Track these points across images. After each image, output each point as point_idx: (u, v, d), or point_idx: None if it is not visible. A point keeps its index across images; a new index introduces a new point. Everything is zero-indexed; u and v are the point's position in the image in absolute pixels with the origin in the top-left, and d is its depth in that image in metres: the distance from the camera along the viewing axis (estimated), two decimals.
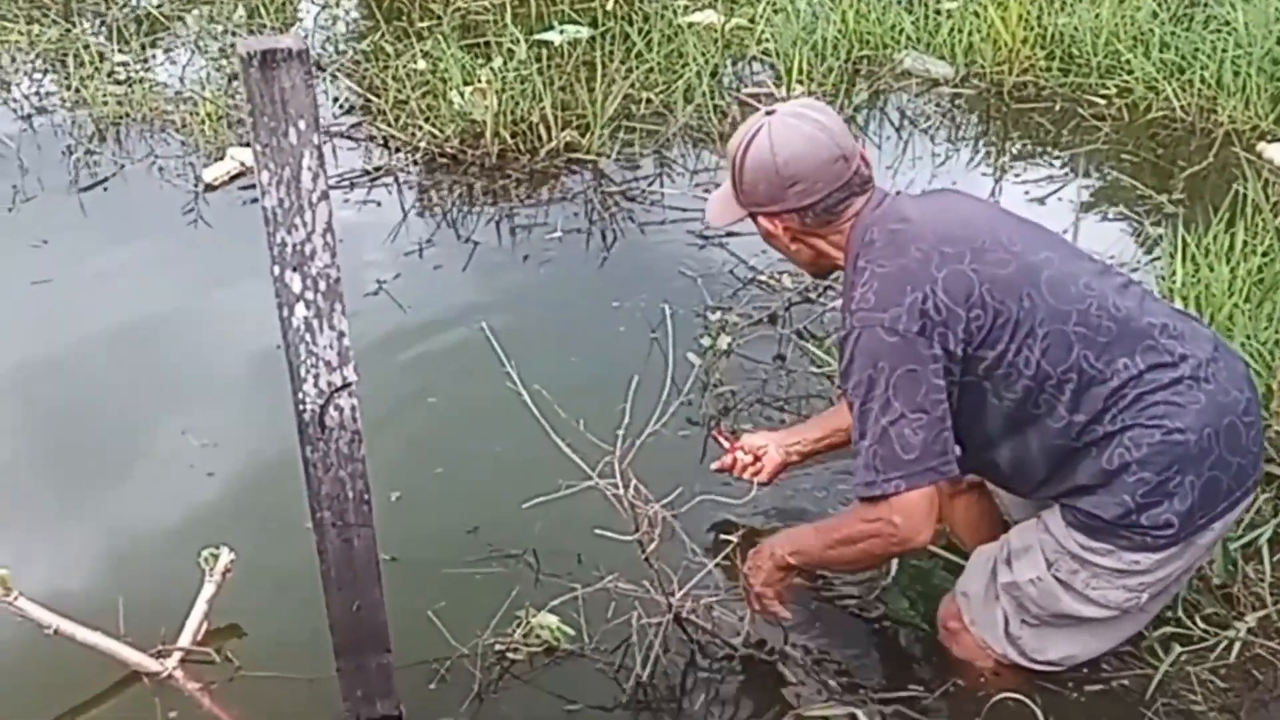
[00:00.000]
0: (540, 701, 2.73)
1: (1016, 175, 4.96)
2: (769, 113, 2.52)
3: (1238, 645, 2.74)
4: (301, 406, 2.19)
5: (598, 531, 2.70)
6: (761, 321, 3.93)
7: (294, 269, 2.06)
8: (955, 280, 2.36)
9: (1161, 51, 5.38)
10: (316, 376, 2.16)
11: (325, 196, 2.02)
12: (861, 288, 2.41)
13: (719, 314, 3.89)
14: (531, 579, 3.00)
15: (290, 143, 1.95)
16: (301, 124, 1.94)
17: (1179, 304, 3.54)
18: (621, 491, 2.62)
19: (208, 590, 2.86)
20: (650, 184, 4.84)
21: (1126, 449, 2.35)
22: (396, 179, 4.86)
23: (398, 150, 5.01)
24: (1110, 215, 4.64)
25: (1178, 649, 2.70)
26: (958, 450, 2.44)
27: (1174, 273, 3.81)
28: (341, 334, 2.13)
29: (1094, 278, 2.46)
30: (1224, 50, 5.20)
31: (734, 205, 2.59)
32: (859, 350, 2.38)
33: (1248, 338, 3.42)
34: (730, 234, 4.41)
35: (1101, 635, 2.61)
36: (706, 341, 3.74)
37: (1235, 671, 2.72)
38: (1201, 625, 2.77)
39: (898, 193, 2.61)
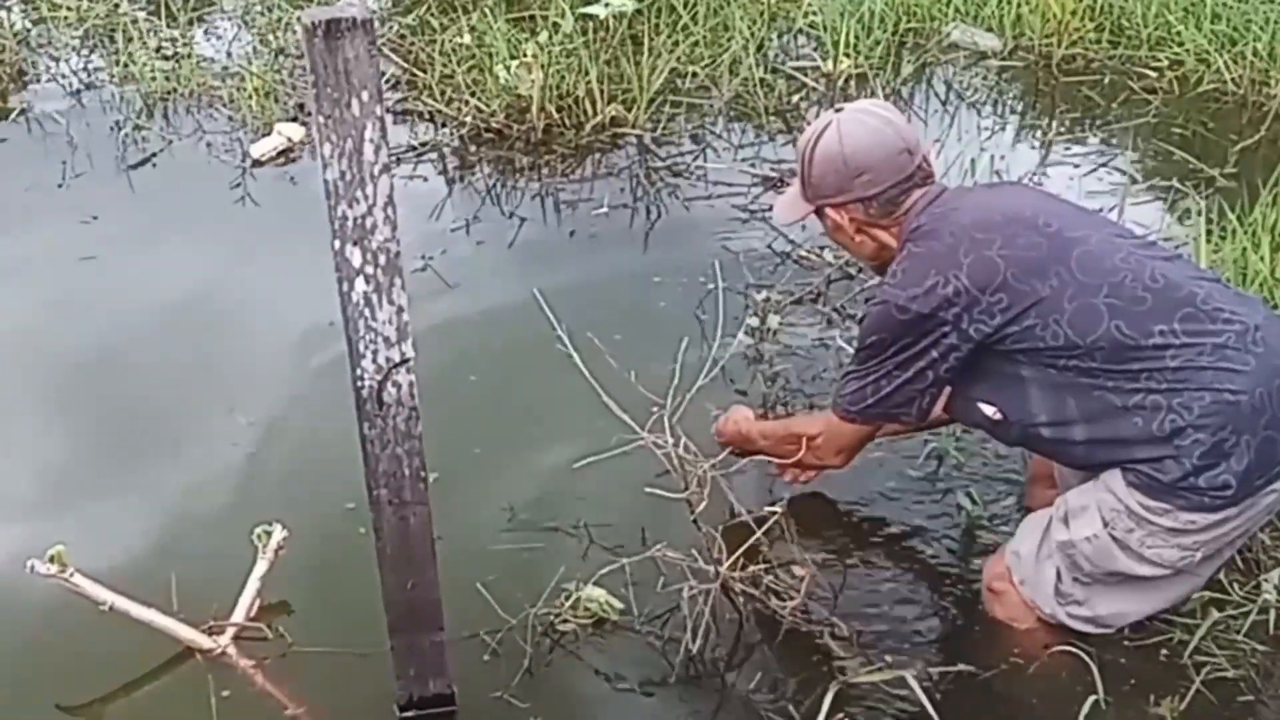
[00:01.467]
0: (590, 676, 2.74)
1: (1065, 149, 4.89)
2: (837, 110, 2.69)
3: (1273, 613, 2.72)
4: (360, 383, 2.19)
5: (648, 490, 2.75)
6: (802, 301, 3.91)
7: (354, 243, 2.06)
8: (980, 266, 2.48)
9: (1213, 23, 5.29)
10: (375, 352, 2.16)
11: (387, 169, 2.02)
12: (896, 265, 2.60)
13: (764, 293, 3.86)
14: (579, 551, 3.00)
15: (353, 114, 1.94)
16: (365, 95, 1.93)
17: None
18: (671, 449, 2.63)
19: (260, 567, 2.87)
20: (695, 159, 4.81)
21: (1178, 414, 2.39)
22: (442, 154, 4.86)
23: (443, 125, 5.00)
24: (1160, 189, 4.58)
25: (1215, 613, 2.69)
26: (996, 415, 2.60)
27: (1216, 249, 3.77)
28: (401, 309, 2.13)
29: (1134, 250, 2.54)
30: (1277, 21, 5.11)
31: (801, 202, 2.75)
32: (872, 318, 2.62)
33: None
34: (773, 207, 4.40)
35: (1152, 595, 2.63)
36: (755, 321, 3.71)
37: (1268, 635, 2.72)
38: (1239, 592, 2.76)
39: (963, 187, 2.72)
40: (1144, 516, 2.47)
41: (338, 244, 2.05)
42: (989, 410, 2.61)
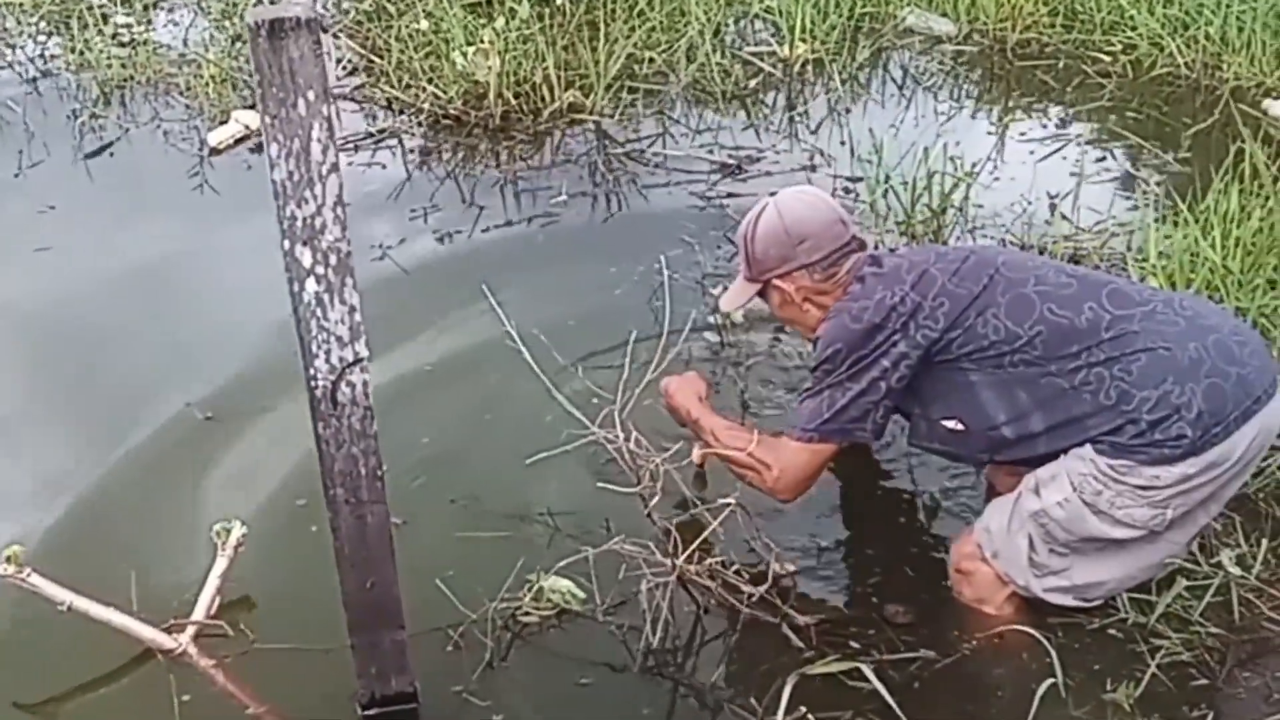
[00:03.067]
0: (552, 666, 2.74)
1: (1020, 133, 4.92)
2: (771, 194, 2.90)
3: (1231, 589, 2.76)
4: (313, 383, 2.18)
5: (600, 485, 2.77)
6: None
7: (304, 243, 2.05)
8: (922, 279, 2.69)
9: (1165, 7, 5.34)
10: (328, 352, 2.15)
11: (335, 169, 2.00)
12: (848, 293, 2.79)
13: (720, 285, 3.85)
14: (540, 542, 3.00)
15: (299, 114, 1.93)
16: (310, 95, 1.92)
17: (1168, 267, 3.59)
18: (621, 443, 2.63)
19: (220, 565, 2.85)
20: (652, 144, 4.81)
21: (1120, 379, 2.54)
22: (400, 141, 4.84)
23: (401, 112, 4.98)
24: (1113, 173, 4.61)
25: (1182, 582, 2.72)
26: (968, 434, 2.70)
27: (1168, 236, 3.80)
28: (353, 309, 2.12)
29: (1051, 261, 2.80)
30: (1229, 6, 5.15)
31: (746, 285, 2.92)
32: (827, 333, 2.76)
33: (1237, 303, 3.43)
34: (730, 195, 4.43)
35: (1128, 561, 2.69)
36: (718, 318, 3.72)
37: (1221, 612, 2.75)
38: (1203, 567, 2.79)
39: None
40: (1112, 476, 2.55)
41: (287, 244, 2.04)
42: (951, 424, 2.73)
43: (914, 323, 2.66)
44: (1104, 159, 4.71)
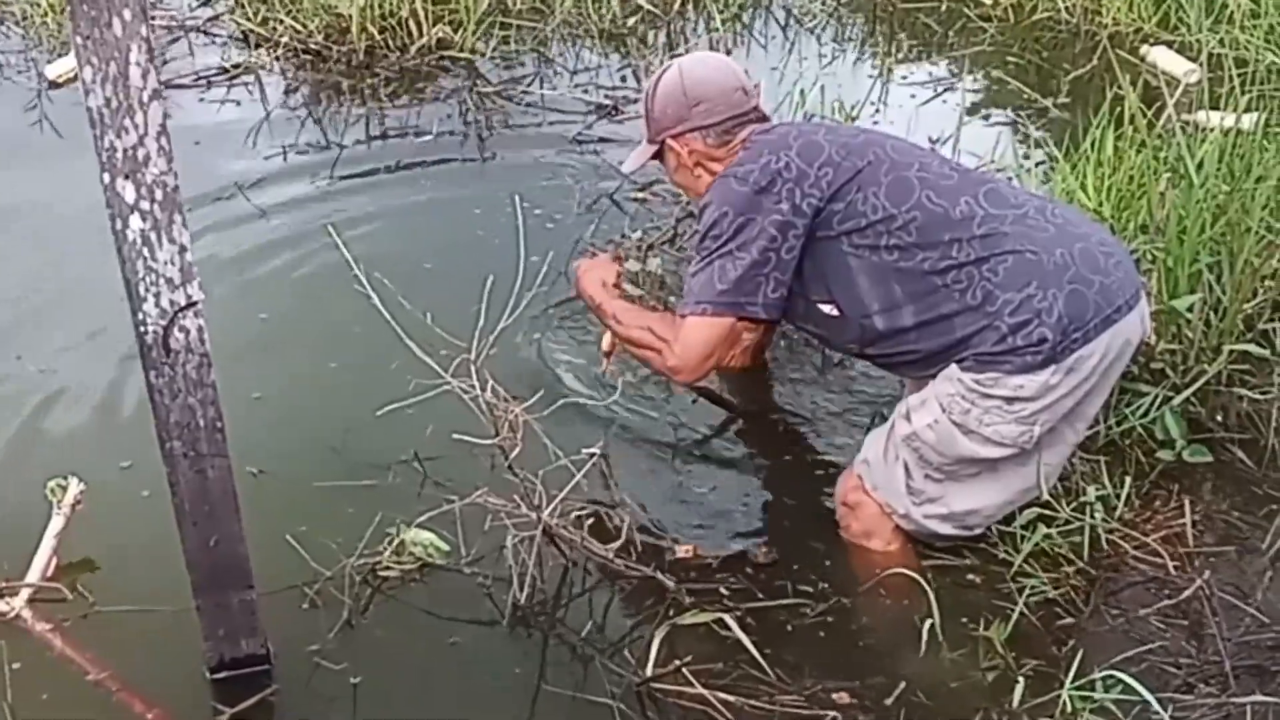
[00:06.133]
0: (415, 624, 2.64)
1: (903, 77, 4.89)
2: (675, 55, 2.95)
3: (1097, 530, 2.76)
4: (143, 328, 2.03)
5: (456, 437, 2.67)
6: (658, 244, 3.79)
7: (126, 176, 1.89)
8: (808, 146, 2.69)
9: None
10: (158, 295, 2.00)
11: (158, 95, 1.85)
12: (731, 161, 2.75)
13: (639, 233, 3.77)
14: (400, 494, 2.88)
15: (115, 35, 1.77)
16: (126, 13, 1.76)
17: None
18: (478, 393, 2.53)
19: (56, 524, 2.71)
20: (528, 84, 4.66)
21: (987, 279, 2.56)
22: (258, 77, 4.63)
23: (258, 46, 4.77)
24: (995, 118, 4.61)
25: (1042, 529, 2.71)
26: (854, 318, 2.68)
27: (1046, 179, 3.81)
28: (184, 248, 1.97)
29: (938, 153, 2.86)
30: None
31: (645, 148, 2.89)
32: (712, 199, 2.71)
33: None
34: (603, 140, 4.34)
35: (1002, 484, 2.70)
36: (634, 266, 3.58)
37: (1091, 552, 2.75)
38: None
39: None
40: (979, 391, 2.57)
41: (108, 178, 1.88)
42: (826, 309, 2.71)
43: (799, 189, 2.64)
44: (985, 103, 4.69)
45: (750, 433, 3.20)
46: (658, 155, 2.88)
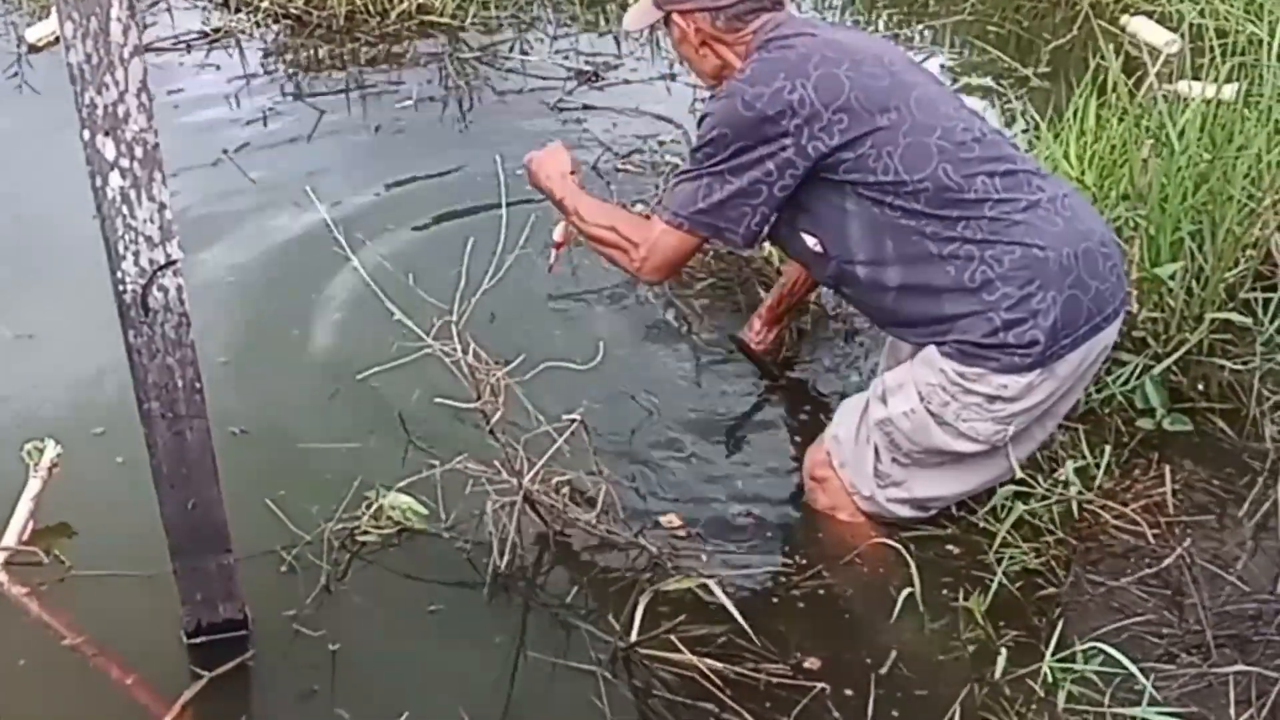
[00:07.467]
0: (395, 589, 2.61)
1: None
2: None
3: (1075, 500, 2.75)
4: (121, 287, 2.00)
5: (438, 401, 2.64)
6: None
7: (106, 133, 1.86)
8: (827, 81, 2.49)
9: None
10: (137, 254, 1.97)
11: (139, 51, 1.82)
12: (745, 64, 2.59)
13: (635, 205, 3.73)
14: (380, 459, 2.86)
15: None
16: None
17: None
18: (460, 356, 2.51)
19: (33, 487, 2.68)
20: (510, 50, 4.63)
21: (989, 265, 2.46)
22: (238, 41, 4.58)
23: (238, 10, 4.71)
24: (975, 87, 4.60)
25: (1020, 506, 2.70)
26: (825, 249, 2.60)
27: (1029, 148, 3.79)
28: (163, 205, 1.94)
29: (961, 107, 2.64)
30: None
31: (650, 8, 2.72)
32: (715, 112, 2.56)
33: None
34: (586, 107, 4.29)
35: (968, 475, 2.68)
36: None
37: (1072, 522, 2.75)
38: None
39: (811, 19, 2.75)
40: (960, 384, 2.51)
41: (88, 134, 1.85)
42: (810, 241, 2.63)
43: (808, 129, 2.48)
44: (964, 72, 4.68)
45: (736, 400, 3.19)
46: (665, 21, 2.73)
